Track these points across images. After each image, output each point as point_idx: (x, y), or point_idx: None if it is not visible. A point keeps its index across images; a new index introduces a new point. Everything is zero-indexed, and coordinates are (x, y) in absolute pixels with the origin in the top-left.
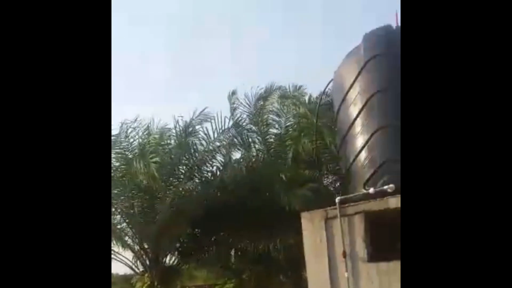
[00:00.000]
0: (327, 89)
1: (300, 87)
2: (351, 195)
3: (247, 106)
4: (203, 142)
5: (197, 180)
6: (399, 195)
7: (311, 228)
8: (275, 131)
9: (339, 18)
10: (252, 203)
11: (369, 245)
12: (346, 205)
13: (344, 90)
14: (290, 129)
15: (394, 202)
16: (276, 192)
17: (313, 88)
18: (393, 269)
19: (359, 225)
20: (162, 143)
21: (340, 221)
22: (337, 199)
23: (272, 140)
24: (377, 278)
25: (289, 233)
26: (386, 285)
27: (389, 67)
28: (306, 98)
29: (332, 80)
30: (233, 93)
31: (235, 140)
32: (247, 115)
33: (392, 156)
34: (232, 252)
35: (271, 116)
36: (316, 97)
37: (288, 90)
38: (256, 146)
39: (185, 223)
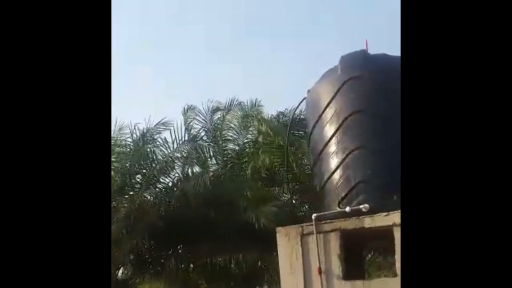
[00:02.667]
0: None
1: (256, 102)
2: (327, 212)
3: (203, 121)
4: (162, 150)
5: (155, 190)
6: (373, 215)
7: (287, 244)
8: (233, 146)
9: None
10: (214, 217)
11: (343, 262)
12: (322, 222)
13: (320, 109)
14: (247, 146)
15: (369, 221)
16: (240, 207)
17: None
18: (367, 287)
19: (334, 242)
20: (117, 148)
21: (316, 237)
22: (314, 216)
23: (230, 155)
24: None
25: (252, 248)
26: None
27: (365, 90)
28: (268, 115)
29: (305, 98)
30: (190, 108)
31: (196, 151)
32: (205, 130)
33: (366, 177)
34: (191, 266)
35: (229, 132)
36: (274, 116)
37: (246, 106)
38: (214, 160)
39: (141, 235)
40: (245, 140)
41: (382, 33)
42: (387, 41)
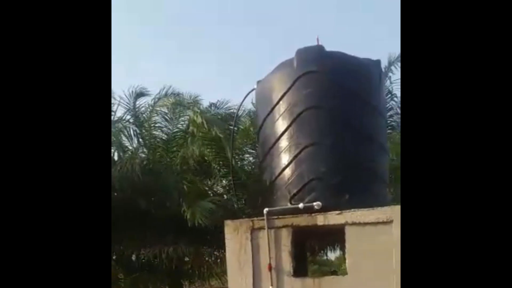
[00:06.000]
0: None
1: (196, 96)
2: (279, 207)
3: (127, 106)
4: None
5: None
6: (326, 213)
7: (235, 238)
8: (159, 134)
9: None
10: (144, 207)
11: (294, 259)
12: (274, 217)
13: (272, 102)
14: (177, 136)
15: (322, 219)
16: (174, 199)
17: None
18: (318, 285)
19: (286, 238)
20: None
21: (267, 232)
22: (265, 210)
23: (158, 144)
24: None
25: (184, 243)
26: None
27: (321, 86)
28: (202, 107)
29: (253, 90)
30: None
31: (120, 135)
32: (130, 115)
33: (319, 174)
34: (113, 258)
35: (159, 119)
36: (206, 108)
37: (182, 96)
38: (142, 148)
39: None
40: (175, 130)
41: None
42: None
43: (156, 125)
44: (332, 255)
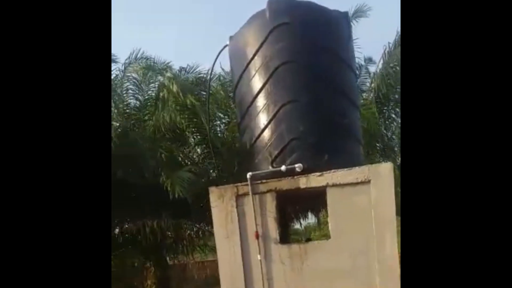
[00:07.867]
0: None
1: (168, 62)
2: (262, 171)
3: None
4: None
5: None
6: (308, 175)
7: (221, 206)
8: (133, 101)
9: None
10: (122, 177)
11: (279, 225)
12: (258, 182)
13: (247, 58)
14: (149, 103)
15: (304, 181)
16: (152, 169)
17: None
18: (304, 250)
19: (270, 203)
20: None
21: (252, 198)
22: (249, 175)
23: (132, 111)
24: (288, 260)
25: (165, 215)
26: (298, 267)
27: (296, 38)
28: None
29: (226, 46)
30: None
31: None
32: None
33: (299, 133)
34: None
35: (131, 85)
36: (176, 72)
37: (153, 60)
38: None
39: None
40: (147, 96)
41: None
42: None
43: (129, 91)
44: (304, 223)
